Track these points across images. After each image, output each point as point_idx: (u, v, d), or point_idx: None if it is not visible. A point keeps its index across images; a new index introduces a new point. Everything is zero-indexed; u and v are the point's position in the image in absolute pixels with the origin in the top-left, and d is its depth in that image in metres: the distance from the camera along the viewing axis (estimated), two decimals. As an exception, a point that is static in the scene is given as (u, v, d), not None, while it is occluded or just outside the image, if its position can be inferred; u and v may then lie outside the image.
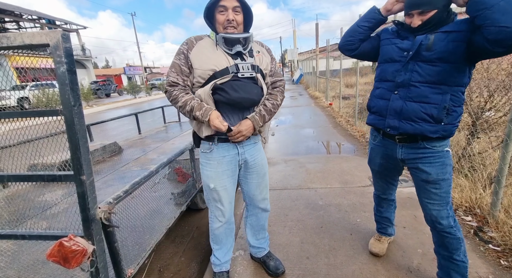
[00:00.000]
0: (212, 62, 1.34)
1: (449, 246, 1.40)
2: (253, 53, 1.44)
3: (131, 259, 1.50)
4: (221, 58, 1.36)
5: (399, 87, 1.35)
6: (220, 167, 1.48)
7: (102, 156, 3.39)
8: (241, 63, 1.38)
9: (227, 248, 1.71)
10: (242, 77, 1.37)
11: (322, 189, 2.94)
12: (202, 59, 1.35)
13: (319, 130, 5.92)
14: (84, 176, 1.08)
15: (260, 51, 1.49)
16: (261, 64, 1.45)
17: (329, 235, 2.12)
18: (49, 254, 1.05)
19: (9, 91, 10.62)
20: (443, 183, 1.36)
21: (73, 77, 1.01)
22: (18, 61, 1.30)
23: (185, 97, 1.36)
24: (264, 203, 1.71)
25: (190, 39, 1.41)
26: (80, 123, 1.06)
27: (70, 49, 1.00)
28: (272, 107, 1.48)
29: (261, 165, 1.60)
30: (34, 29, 23.44)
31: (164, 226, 1.82)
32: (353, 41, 1.52)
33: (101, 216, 1.17)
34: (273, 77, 1.56)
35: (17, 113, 1.17)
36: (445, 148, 1.35)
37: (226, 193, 1.54)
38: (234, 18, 1.32)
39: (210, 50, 1.37)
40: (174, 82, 1.38)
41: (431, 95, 1.27)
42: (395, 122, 1.38)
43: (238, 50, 1.36)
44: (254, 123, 1.41)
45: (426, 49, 1.26)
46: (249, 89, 1.39)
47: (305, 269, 1.77)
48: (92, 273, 1.16)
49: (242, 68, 1.37)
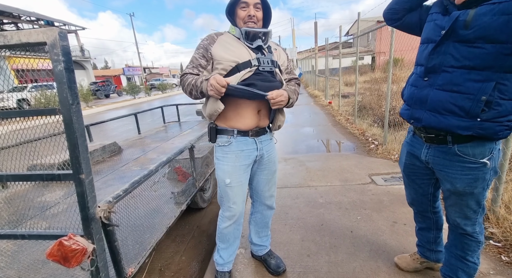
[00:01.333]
0: (235, 54, 1.37)
1: (466, 247, 1.30)
2: (272, 49, 1.48)
3: (131, 258, 1.49)
4: (243, 51, 1.39)
5: (429, 73, 1.16)
6: (237, 161, 1.48)
7: (102, 156, 3.38)
8: (262, 57, 1.41)
9: (233, 249, 1.70)
10: (263, 70, 1.41)
11: (322, 187, 2.94)
12: (225, 52, 1.37)
13: (318, 129, 5.92)
14: (83, 175, 1.08)
15: (277, 49, 1.53)
16: (279, 59, 1.49)
17: (329, 232, 2.12)
18: (49, 254, 1.05)
19: (8, 93, 10.62)
20: (471, 197, 1.18)
21: (70, 75, 1.01)
22: (17, 62, 1.30)
23: (192, 77, 1.39)
24: (271, 200, 1.71)
25: (211, 35, 1.44)
26: (79, 122, 1.06)
27: (67, 47, 1.00)
28: (294, 89, 1.52)
29: (273, 161, 1.62)
30: (32, 31, 23.32)
31: (165, 225, 1.82)
32: (397, 9, 1.31)
33: (101, 215, 1.17)
34: (289, 74, 1.61)
35: (16, 112, 1.17)
36: (483, 158, 1.11)
37: (241, 189, 1.54)
38: (255, 14, 1.37)
39: (232, 44, 1.40)
40: (189, 73, 1.41)
41: (466, 83, 1.05)
42: (419, 113, 1.20)
43: (259, 44, 1.40)
44: (289, 92, 1.42)
45: (464, 26, 1.04)
46: (272, 81, 1.43)
47: (306, 266, 1.77)
48: (92, 272, 1.16)
49: (263, 62, 1.40)
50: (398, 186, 2.80)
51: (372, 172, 3.23)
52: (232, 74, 1.36)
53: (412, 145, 1.37)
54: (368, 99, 7.16)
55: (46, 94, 10.79)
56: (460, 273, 1.35)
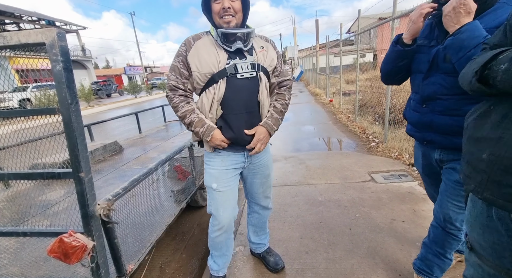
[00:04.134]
0: (209, 63, 1.27)
1: (447, 246, 1.34)
2: (255, 50, 1.35)
3: (131, 255, 1.52)
4: (219, 57, 1.28)
5: (426, 101, 1.21)
6: (224, 164, 1.43)
7: (103, 155, 3.41)
8: (240, 63, 1.30)
9: (227, 257, 1.67)
10: (242, 78, 1.30)
11: (322, 185, 2.95)
12: (199, 61, 1.28)
13: (319, 127, 5.92)
14: (82, 173, 1.10)
15: (264, 46, 1.39)
16: (265, 60, 1.37)
17: (328, 230, 2.13)
18: (50, 250, 1.07)
19: (10, 93, 10.67)
20: None
21: (69, 75, 1.03)
22: (17, 63, 1.32)
23: (185, 108, 1.33)
24: (266, 201, 1.67)
25: (188, 39, 1.33)
26: (78, 121, 1.07)
27: (65, 47, 1.01)
28: (282, 107, 1.45)
29: (266, 166, 1.55)
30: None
31: (164, 223, 1.84)
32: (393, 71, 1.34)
33: (100, 213, 1.19)
34: (279, 77, 1.47)
35: (16, 111, 1.19)
36: None
37: (230, 194, 1.47)
38: (230, 5, 1.22)
39: (207, 50, 1.29)
40: (174, 86, 1.34)
41: (464, 107, 1.08)
42: (430, 136, 1.24)
43: (238, 46, 1.28)
44: (268, 129, 1.37)
45: (444, 59, 1.10)
46: (249, 91, 1.32)
47: (304, 263, 1.79)
48: (93, 269, 1.18)
49: (241, 68, 1.30)
50: (397, 183, 2.81)
51: (372, 170, 3.24)
52: (209, 85, 1.30)
53: (424, 147, 1.37)
54: (369, 97, 7.15)
55: (48, 93, 10.84)
56: (435, 269, 1.41)
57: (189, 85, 1.36)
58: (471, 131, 0.78)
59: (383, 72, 1.40)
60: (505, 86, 0.62)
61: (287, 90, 1.50)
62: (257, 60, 1.34)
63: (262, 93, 1.36)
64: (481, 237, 0.83)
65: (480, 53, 0.83)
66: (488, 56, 0.67)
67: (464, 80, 0.79)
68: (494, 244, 0.79)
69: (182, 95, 1.35)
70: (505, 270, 0.78)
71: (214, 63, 1.27)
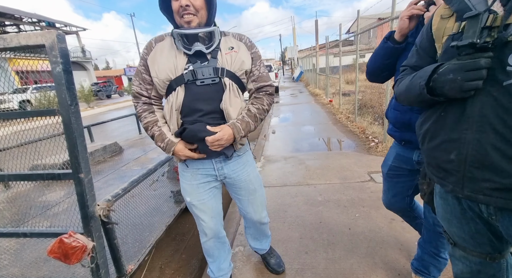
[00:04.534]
0: (165, 68, 1.16)
1: (440, 245, 1.36)
2: (220, 52, 1.20)
3: (131, 255, 1.52)
4: (177, 62, 1.16)
5: None
6: (194, 180, 1.33)
7: (103, 156, 3.42)
8: (201, 67, 1.16)
9: (220, 262, 1.57)
10: (202, 84, 1.16)
11: (321, 185, 2.96)
12: (157, 67, 1.17)
13: (319, 127, 5.92)
14: (82, 174, 1.11)
15: (234, 47, 1.23)
16: (232, 64, 1.20)
17: (327, 230, 2.14)
18: (50, 251, 1.08)
19: (10, 94, 10.69)
20: None
21: (69, 76, 1.03)
22: (17, 64, 1.33)
23: (147, 119, 1.25)
24: (260, 217, 1.54)
25: (150, 41, 1.23)
26: (77, 122, 1.08)
27: (65, 49, 1.02)
28: (257, 112, 1.26)
29: (247, 180, 1.39)
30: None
31: (164, 224, 1.85)
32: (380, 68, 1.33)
33: (100, 213, 1.20)
34: (257, 82, 1.28)
35: (16, 113, 1.19)
36: None
37: (206, 207, 1.38)
38: (189, 2, 1.09)
39: (166, 54, 1.18)
40: (137, 93, 1.24)
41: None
42: (408, 135, 1.26)
43: (197, 49, 1.13)
44: (234, 130, 1.18)
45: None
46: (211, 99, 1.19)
47: (304, 263, 1.79)
48: (93, 269, 1.19)
49: (202, 74, 1.15)
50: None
51: (371, 170, 3.24)
52: (169, 92, 1.20)
53: (401, 147, 1.37)
54: (369, 97, 7.16)
55: (48, 95, 10.86)
56: (432, 269, 1.43)
57: (154, 92, 1.25)
58: (429, 138, 0.83)
59: (370, 68, 1.39)
60: (453, 94, 0.70)
61: (267, 95, 1.31)
62: (221, 64, 1.18)
63: (225, 102, 1.18)
64: (460, 230, 0.88)
65: (404, 72, 0.94)
66: (429, 71, 0.74)
67: (410, 95, 0.85)
68: (473, 234, 0.85)
69: (146, 103, 1.26)
70: (488, 255, 0.86)
71: (171, 69, 1.16)
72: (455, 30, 0.73)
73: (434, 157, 0.82)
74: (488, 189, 0.69)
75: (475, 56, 0.65)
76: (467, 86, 0.66)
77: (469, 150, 0.70)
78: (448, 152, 0.75)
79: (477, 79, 0.65)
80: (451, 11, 0.76)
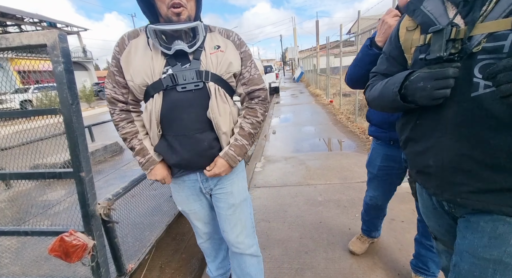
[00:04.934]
0: (142, 72, 0.99)
1: None
2: (205, 52, 1.04)
3: (131, 254, 1.53)
4: (154, 64, 0.99)
5: None
6: (182, 191, 1.24)
7: (103, 156, 3.43)
8: (182, 71, 1.00)
9: (218, 261, 1.51)
10: (184, 90, 1.01)
11: (322, 185, 2.96)
12: (132, 69, 1.01)
13: (319, 128, 5.93)
14: (83, 173, 1.11)
15: (221, 46, 1.06)
16: (218, 65, 1.04)
17: (327, 230, 2.14)
18: (51, 249, 1.09)
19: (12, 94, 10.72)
20: None
21: (70, 76, 1.04)
22: (19, 64, 1.34)
23: (126, 129, 1.11)
24: (239, 245, 1.26)
25: (122, 37, 1.05)
26: (78, 121, 1.09)
27: (67, 48, 1.03)
28: (251, 127, 1.12)
29: (230, 193, 1.21)
30: (35, 32, 23.51)
31: (164, 223, 1.85)
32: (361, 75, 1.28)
33: (101, 212, 1.21)
34: (247, 85, 1.12)
35: (18, 112, 1.21)
36: None
37: (198, 216, 1.31)
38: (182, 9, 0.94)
39: (141, 54, 1.01)
40: (113, 98, 1.07)
41: None
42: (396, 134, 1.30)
43: (179, 48, 0.97)
44: (230, 161, 1.08)
45: None
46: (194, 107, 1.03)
47: (304, 263, 1.80)
48: (93, 268, 1.19)
49: (184, 78, 1.00)
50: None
51: (371, 170, 3.24)
52: (147, 99, 1.05)
53: (389, 148, 1.42)
54: (369, 98, 7.14)
55: (49, 95, 10.88)
56: (430, 264, 1.45)
57: (131, 95, 1.08)
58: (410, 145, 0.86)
59: (353, 76, 1.34)
60: (424, 102, 0.72)
61: (260, 103, 1.15)
62: (206, 66, 1.02)
63: (213, 110, 1.03)
64: (436, 225, 0.92)
65: (374, 79, 0.97)
66: (401, 77, 0.76)
67: (383, 100, 0.86)
68: (448, 228, 0.88)
69: (123, 111, 1.10)
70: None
71: (147, 72, 0.99)
72: (421, 42, 0.75)
73: (415, 162, 0.85)
74: (464, 193, 0.72)
75: (444, 66, 0.67)
76: (436, 94, 0.68)
77: (445, 156, 0.72)
78: (427, 159, 0.78)
79: (445, 88, 0.67)
80: (415, 23, 0.78)
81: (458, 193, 0.73)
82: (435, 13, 0.73)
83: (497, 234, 0.67)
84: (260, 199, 2.78)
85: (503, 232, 0.67)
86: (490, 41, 0.63)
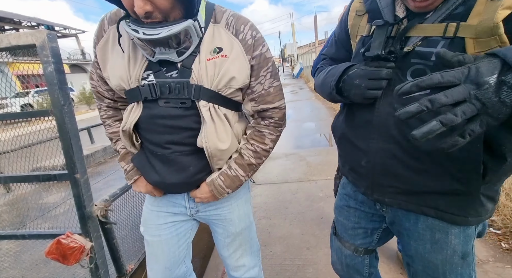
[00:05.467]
0: (117, 73, 0.77)
1: None
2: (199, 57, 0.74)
3: (131, 255, 1.52)
4: (131, 66, 0.76)
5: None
6: (156, 206, 0.98)
7: (103, 157, 3.43)
8: (165, 81, 0.75)
9: None
10: (167, 106, 0.76)
11: (322, 181, 2.94)
12: (109, 65, 0.79)
13: (320, 124, 5.90)
14: (78, 175, 1.10)
15: (224, 48, 0.75)
16: (215, 78, 0.75)
17: (329, 225, 2.12)
18: (48, 252, 1.08)
19: (12, 98, 10.77)
20: None
21: (61, 76, 1.02)
22: (18, 69, 1.32)
23: (112, 128, 0.97)
24: (239, 269, 1.05)
25: (102, 20, 0.81)
26: (71, 122, 1.07)
27: (56, 48, 1.01)
28: (254, 156, 0.87)
29: (227, 219, 0.97)
30: (33, 36, 23.55)
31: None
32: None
33: (98, 214, 1.19)
34: (258, 103, 0.84)
35: (10, 114, 1.19)
36: None
37: (159, 249, 0.97)
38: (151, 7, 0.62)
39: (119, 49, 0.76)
40: (99, 93, 0.92)
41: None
42: None
43: (162, 57, 0.72)
44: (215, 192, 0.85)
45: None
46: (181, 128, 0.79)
47: (305, 259, 1.79)
48: (92, 269, 1.18)
49: (169, 90, 0.74)
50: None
51: (372, 165, 3.22)
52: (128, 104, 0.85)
53: None
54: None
55: (48, 98, 10.91)
56: None
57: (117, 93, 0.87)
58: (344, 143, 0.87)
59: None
60: (357, 99, 0.71)
61: (272, 126, 0.88)
62: (197, 78, 0.74)
63: (208, 137, 0.77)
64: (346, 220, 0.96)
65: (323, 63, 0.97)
66: (340, 71, 0.75)
67: (323, 91, 0.86)
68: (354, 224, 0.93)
69: (110, 108, 0.94)
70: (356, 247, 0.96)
71: (122, 75, 0.76)
72: (366, 33, 0.74)
73: (348, 160, 0.86)
74: (392, 193, 0.74)
75: (380, 65, 0.66)
76: (368, 94, 0.68)
77: (376, 159, 0.73)
78: (359, 159, 0.78)
79: (377, 89, 0.67)
80: (364, 7, 0.76)
81: (386, 193, 0.75)
82: (383, 2, 0.71)
83: (436, 240, 0.72)
84: (261, 196, 2.77)
85: (440, 237, 0.71)
86: (423, 45, 0.61)
